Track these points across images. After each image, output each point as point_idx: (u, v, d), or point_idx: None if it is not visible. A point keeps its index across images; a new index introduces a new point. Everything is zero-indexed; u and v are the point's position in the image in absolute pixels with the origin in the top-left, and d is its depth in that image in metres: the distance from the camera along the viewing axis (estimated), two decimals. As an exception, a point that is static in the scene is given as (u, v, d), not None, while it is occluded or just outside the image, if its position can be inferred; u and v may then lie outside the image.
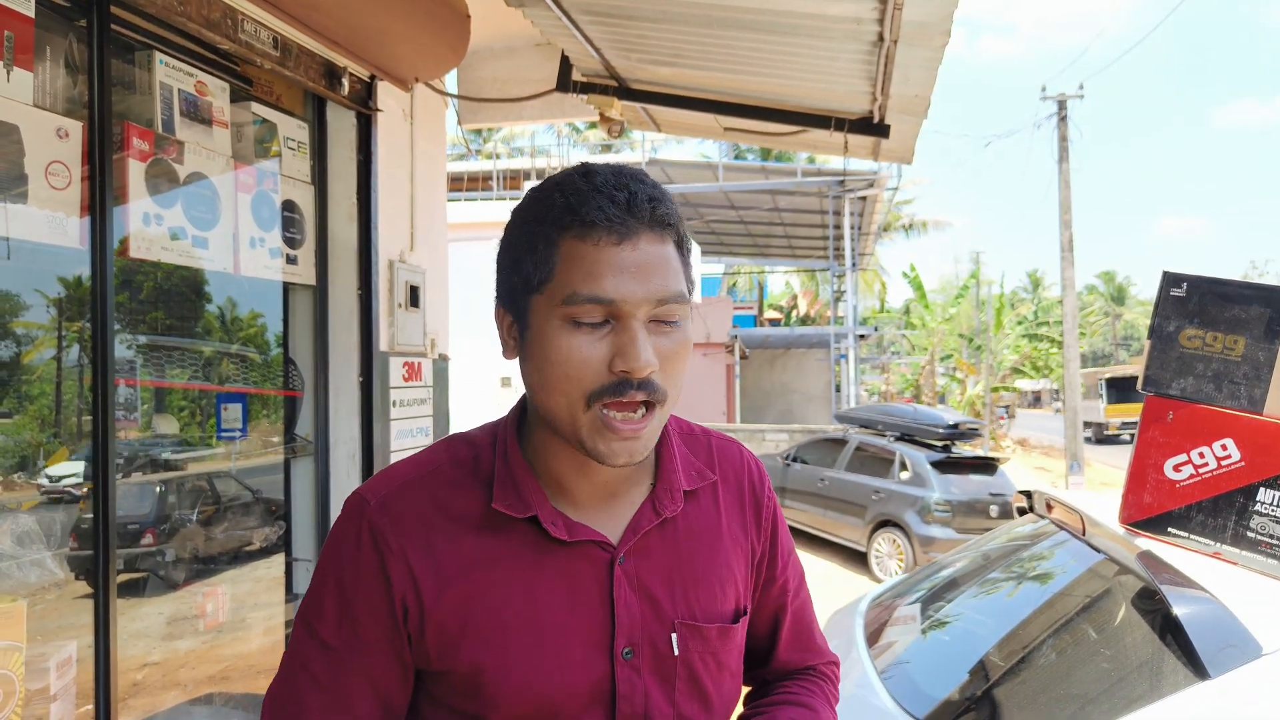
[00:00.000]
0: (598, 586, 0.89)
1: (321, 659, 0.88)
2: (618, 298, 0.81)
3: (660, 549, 0.93)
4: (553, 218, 0.84)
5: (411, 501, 0.89)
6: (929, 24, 2.44)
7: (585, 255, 0.82)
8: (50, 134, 2.18)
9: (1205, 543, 1.81)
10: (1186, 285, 1.82)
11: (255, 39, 2.69)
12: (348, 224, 3.33)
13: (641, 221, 0.83)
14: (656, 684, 0.90)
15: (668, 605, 0.92)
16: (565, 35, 3.13)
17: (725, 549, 0.98)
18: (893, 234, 30.71)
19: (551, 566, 0.89)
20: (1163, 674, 1.60)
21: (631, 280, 0.81)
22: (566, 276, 0.82)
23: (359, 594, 0.87)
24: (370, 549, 0.87)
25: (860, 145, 3.94)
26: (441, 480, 0.91)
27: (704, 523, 0.98)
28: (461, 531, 0.89)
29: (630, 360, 0.81)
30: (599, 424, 0.83)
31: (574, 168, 0.88)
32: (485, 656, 0.86)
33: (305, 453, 3.33)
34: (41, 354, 2.62)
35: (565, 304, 0.82)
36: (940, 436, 9.78)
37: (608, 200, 0.82)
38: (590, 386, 0.82)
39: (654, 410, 0.85)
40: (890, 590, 2.94)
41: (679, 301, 0.84)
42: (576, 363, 0.82)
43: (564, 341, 0.82)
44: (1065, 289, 17.11)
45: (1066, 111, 16.76)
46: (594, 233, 0.82)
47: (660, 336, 0.84)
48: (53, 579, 2.44)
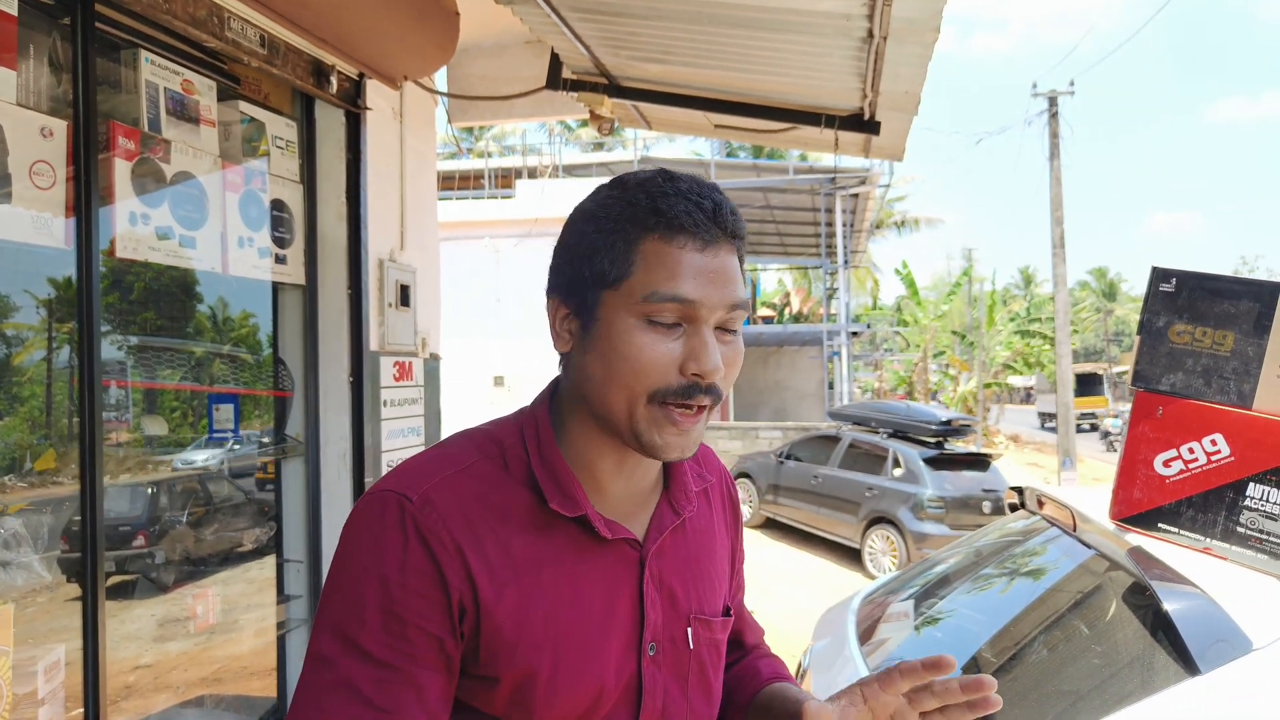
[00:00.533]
0: (629, 585, 0.91)
1: (366, 674, 0.80)
2: (697, 299, 0.83)
3: (675, 547, 0.96)
4: (635, 216, 0.85)
5: (456, 498, 0.85)
6: (919, 20, 2.44)
7: (669, 256, 0.84)
8: (34, 133, 2.16)
9: (1195, 538, 1.82)
10: (1175, 281, 1.82)
11: (242, 37, 2.67)
12: (337, 223, 3.31)
13: (724, 231, 0.86)
14: (674, 679, 0.93)
15: (683, 602, 0.95)
16: (554, 32, 3.12)
17: (718, 547, 1.03)
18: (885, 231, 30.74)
19: (593, 566, 0.89)
20: (1154, 670, 1.61)
21: (710, 286, 0.84)
22: (647, 275, 0.84)
23: (408, 600, 0.81)
24: (419, 548, 0.82)
25: (851, 142, 3.94)
26: (479, 477, 0.88)
27: (705, 522, 1.02)
28: (509, 530, 0.86)
29: (703, 364, 0.84)
30: (659, 418, 0.85)
31: (655, 171, 0.89)
32: (540, 661, 0.84)
33: (296, 453, 3.32)
34: (28, 355, 2.60)
35: (644, 301, 0.83)
36: (933, 433, 9.80)
37: (695, 206, 0.84)
38: (658, 384, 0.84)
39: (713, 410, 0.88)
40: (882, 587, 2.95)
41: (742, 309, 0.88)
42: (648, 360, 0.84)
43: (638, 338, 0.84)
44: (1057, 285, 17.17)
45: (1058, 108, 16.81)
46: (679, 236, 0.84)
47: (723, 345, 0.87)
48: (40, 582, 2.43)
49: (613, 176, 0.97)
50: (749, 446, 14.27)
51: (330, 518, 3.32)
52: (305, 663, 0.84)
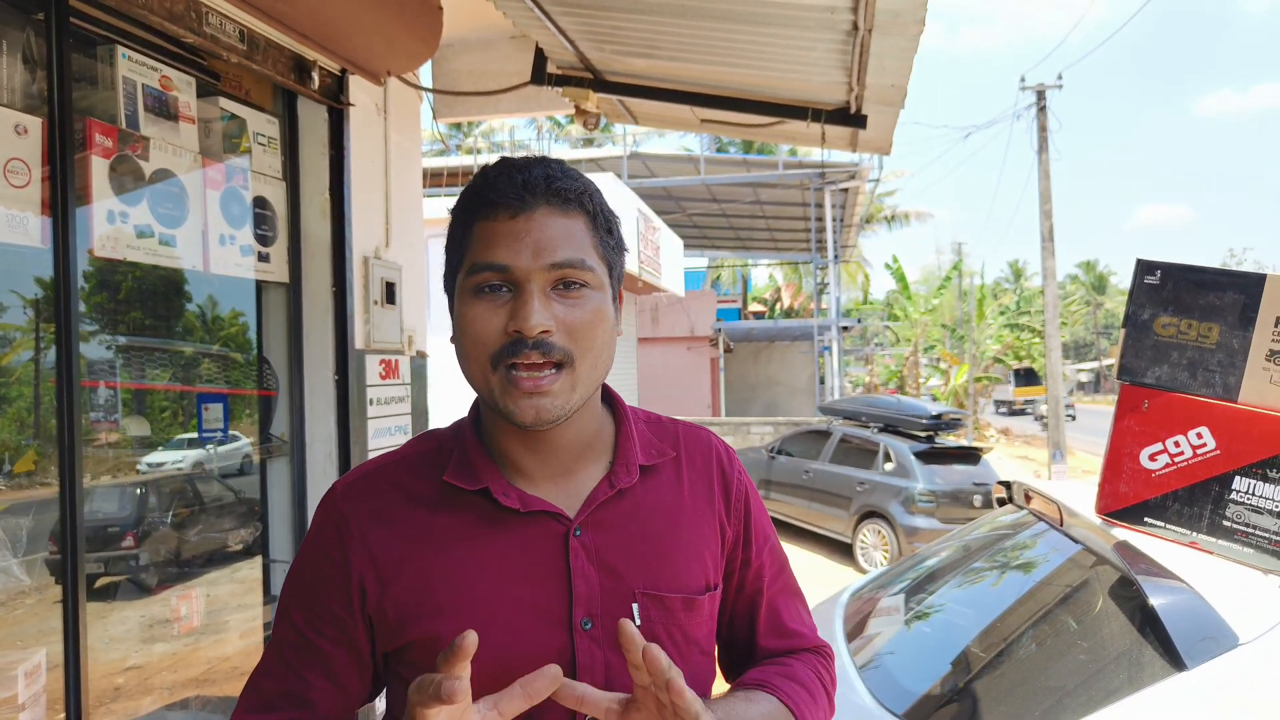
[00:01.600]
0: (554, 559, 0.92)
1: (290, 639, 0.94)
2: (510, 264, 0.88)
3: (619, 522, 0.96)
4: (468, 204, 0.93)
5: (373, 486, 0.96)
6: (903, 12, 2.42)
7: (488, 231, 0.90)
8: (8, 131, 2.13)
9: (1181, 532, 1.81)
10: (1160, 273, 1.81)
11: (221, 32, 2.63)
12: (321, 220, 3.28)
13: (537, 196, 0.89)
14: (618, 655, 0.90)
15: (627, 576, 0.94)
16: (538, 27, 3.10)
17: (689, 524, 1.00)
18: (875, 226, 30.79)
19: (505, 539, 0.92)
20: (1140, 665, 1.60)
21: (524, 248, 0.88)
22: (472, 251, 0.90)
23: (319, 581, 0.93)
24: (333, 534, 0.93)
25: (838, 136, 3.92)
26: (403, 467, 0.97)
27: (665, 498, 1.00)
28: (417, 510, 0.94)
29: (520, 320, 0.87)
30: (505, 384, 0.88)
31: (496, 161, 0.95)
32: (442, 626, 0.88)
33: (281, 453, 3.29)
34: (9, 356, 2.57)
35: (470, 274, 0.90)
36: (924, 427, 9.82)
37: (507, 182, 0.90)
38: (492, 348, 0.88)
39: (563, 371, 0.89)
40: (871, 583, 2.94)
41: (577, 267, 0.89)
42: (479, 326, 0.89)
43: (469, 310, 0.90)
44: (1046, 279, 17.21)
45: (1045, 102, 16.84)
46: (494, 210, 0.90)
47: (562, 303, 0.89)
48: (19, 585, 2.40)
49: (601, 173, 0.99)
50: (740, 442, 14.28)
51: (316, 518, 3.29)
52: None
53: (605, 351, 0.93)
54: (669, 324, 19.73)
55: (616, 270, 0.97)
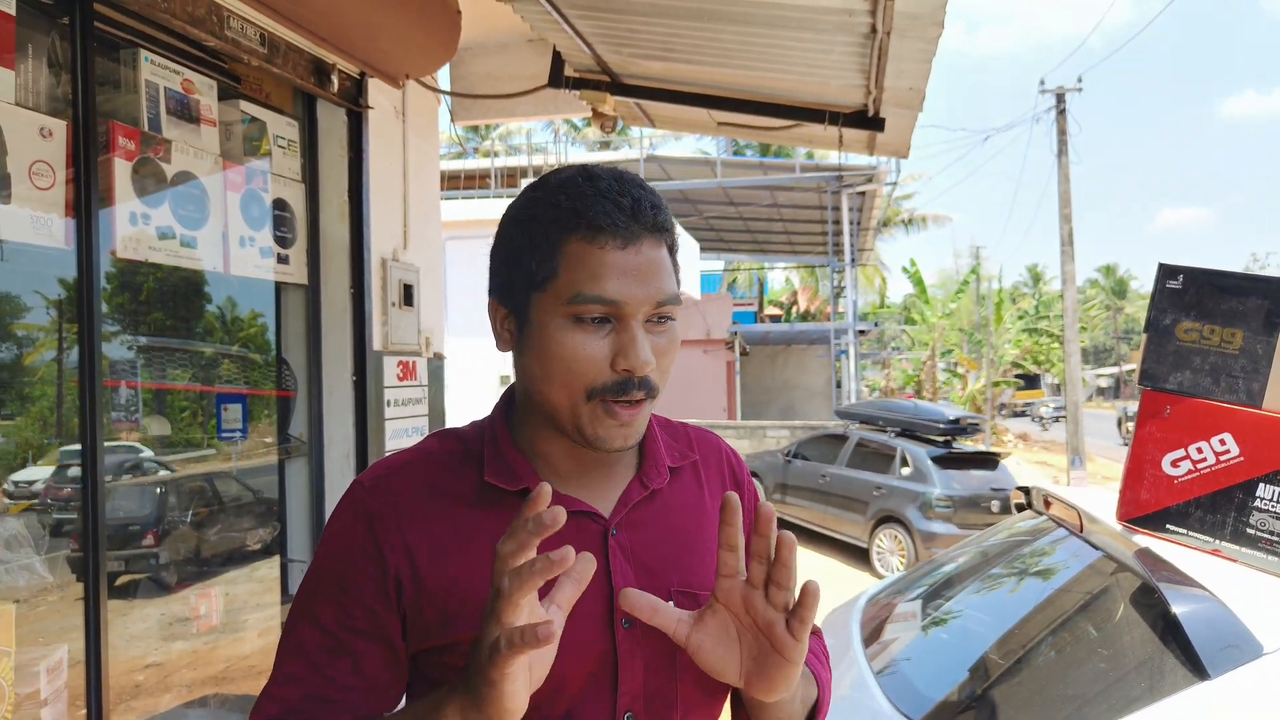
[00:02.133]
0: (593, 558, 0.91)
1: (315, 639, 0.90)
2: (621, 299, 0.86)
3: (651, 522, 0.97)
4: (557, 219, 0.88)
5: (404, 482, 0.93)
6: (921, 15, 2.41)
7: (591, 257, 0.86)
8: (33, 133, 2.15)
9: (1204, 539, 1.79)
10: (1183, 277, 1.79)
11: (242, 36, 2.66)
12: (339, 222, 3.30)
13: (644, 227, 0.88)
14: (657, 654, 0.92)
15: (662, 574, 0.95)
16: (556, 30, 3.11)
17: (712, 524, 1.02)
18: (892, 229, 30.67)
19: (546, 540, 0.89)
20: (1162, 674, 1.58)
21: (634, 283, 0.86)
22: (571, 276, 0.86)
23: (351, 575, 0.89)
24: (364, 529, 0.90)
25: (855, 139, 3.91)
26: (433, 464, 0.95)
27: (689, 498, 1.02)
28: (454, 508, 0.92)
29: (632, 360, 0.86)
30: (599, 413, 0.88)
31: (575, 169, 0.91)
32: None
33: (300, 453, 3.31)
34: (30, 356, 2.60)
35: (571, 303, 0.86)
36: (941, 432, 9.76)
37: (614, 206, 0.87)
38: (593, 382, 0.87)
39: (650, 401, 0.90)
40: (888, 588, 2.92)
41: (674, 303, 0.90)
42: (581, 359, 0.86)
43: (568, 338, 0.87)
44: (1065, 283, 17.07)
45: (1065, 104, 16.71)
46: (600, 236, 0.86)
47: (655, 335, 0.89)
48: (43, 583, 2.42)
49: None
50: (756, 445, 14.24)
51: (333, 518, 3.31)
52: (283, 628, 0.94)
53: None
54: (685, 327, 19.70)
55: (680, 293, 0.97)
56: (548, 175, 0.93)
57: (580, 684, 0.89)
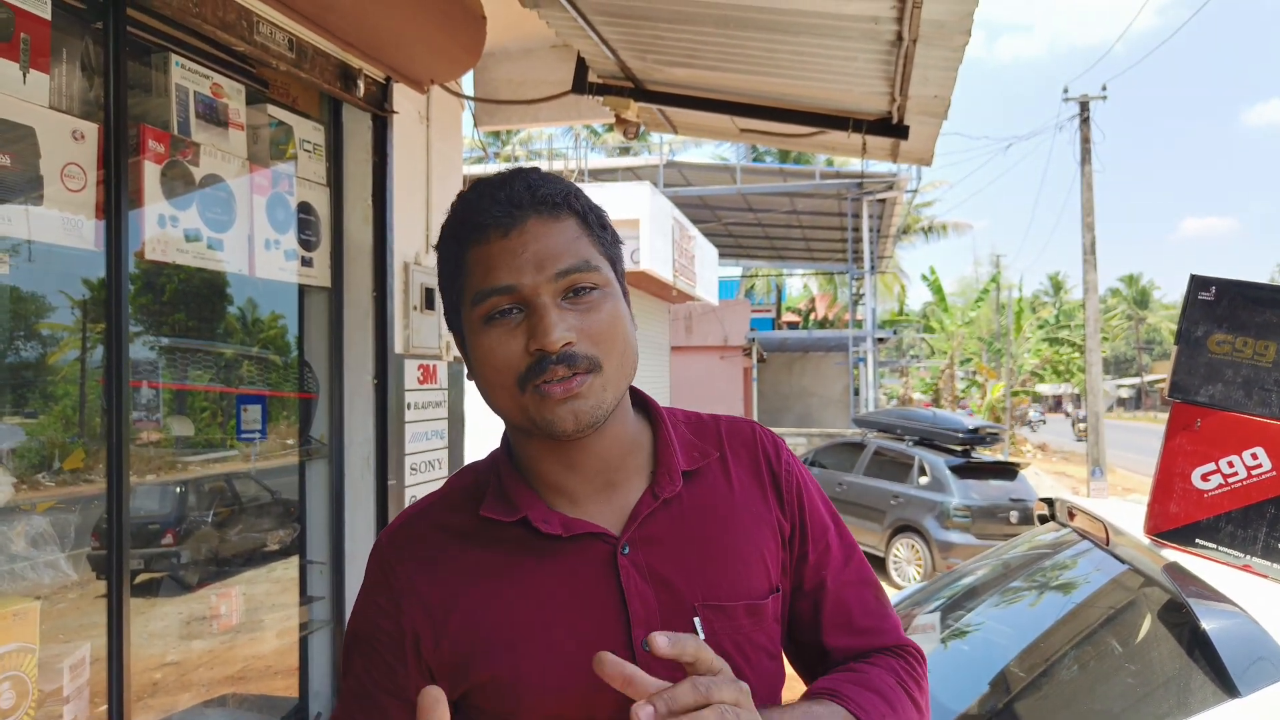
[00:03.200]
0: (604, 581, 0.88)
1: (351, 689, 0.92)
2: (515, 283, 0.84)
3: (668, 533, 0.91)
4: (455, 234, 0.89)
5: (415, 530, 0.94)
6: (948, 23, 2.40)
7: (483, 255, 0.86)
8: (66, 136, 2.18)
9: (1235, 555, 1.76)
10: (1215, 289, 1.77)
11: (271, 41, 2.68)
12: (363, 226, 3.33)
13: (524, 209, 0.86)
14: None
15: (685, 589, 0.89)
16: (580, 36, 3.12)
17: (745, 523, 0.95)
18: (912, 237, 30.52)
19: (551, 567, 0.88)
20: (1190, 690, 1.56)
21: (523, 264, 0.84)
22: (473, 279, 0.87)
23: (373, 632, 0.91)
24: (383, 584, 0.91)
25: (879, 147, 3.89)
26: (444, 505, 0.95)
27: (715, 499, 0.95)
28: (458, 548, 0.91)
29: (540, 338, 0.83)
30: (537, 399, 0.85)
31: (471, 184, 0.92)
32: (500, 666, 0.86)
33: (320, 455, 3.33)
34: (58, 356, 2.63)
35: (475, 304, 0.86)
36: (960, 441, 9.68)
37: (491, 201, 0.87)
38: (518, 371, 0.85)
39: (592, 375, 0.85)
40: (908, 598, 2.90)
41: (584, 270, 0.86)
42: (500, 353, 0.85)
43: (485, 339, 0.86)
44: (1087, 292, 16.92)
45: (1089, 113, 16.58)
46: (485, 233, 0.86)
47: (577, 311, 0.86)
48: (67, 580, 2.45)
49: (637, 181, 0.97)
50: (773, 452, 14.15)
51: (353, 520, 3.33)
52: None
53: (629, 347, 0.89)
54: (703, 333, 19.70)
55: (619, 264, 0.94)
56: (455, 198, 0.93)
57: (608, 707, 0.82)
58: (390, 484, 3.34)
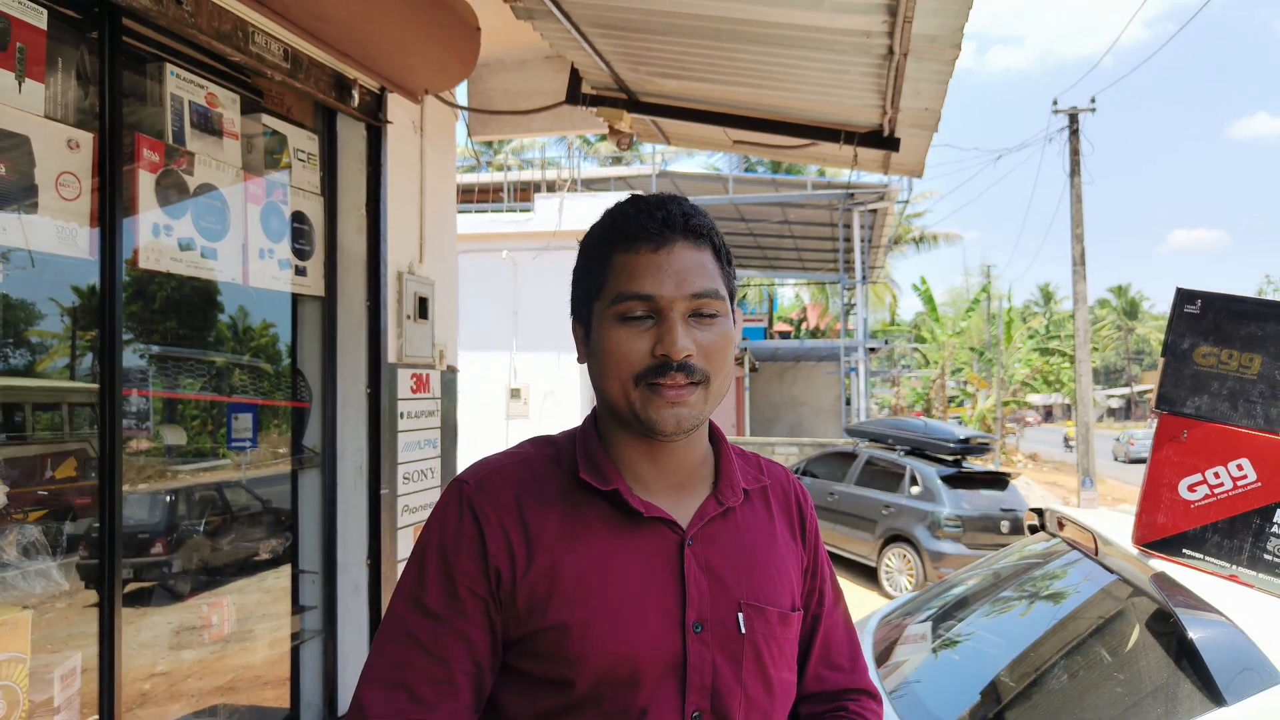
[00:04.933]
0: (670, 563, 0.99)
1: (426, 626, 0.96)
2: (655, 293, 0.97)
3: (725, 537, 1.04)
4: (605, 238, 1.02)
5: (503, 481, 1.01)
6: (939, 37, 2.43)
7: (630, 263, 0.99)
8: (61, 145, 2.19)
9: (1221, 565, 1.78)
10: (1201, 302, 1.79)
11: (266, 51, 2.70)
12: (357, 235, 3.33)
13: (675, 231, 0.99)
14: (725, 660, 0.99)
15: (733, 587, 1.01)
16: (575, 48, 3.14)
17: (779, 547, 1.10)
18: (903, 247, 30.63)
19: (629, 541, 0.99)
20: (1178, 700, 1.57)
21: (666, 279, 0.97)
22: (616, 282, 0.99)
23: (459, 563, 0.97)
24: (470, 521, 0.98)
25: (870, 159, 3.93)
26: (530, 466, 1.04)
27: (759, 520, 1.09)
28: (549, 505, 1.00)
29: (668, 345, 0.96)
30: (648, 396, 0.97)
31: (628, 198, 1.05)
32: (571, 616, 0.95)
33: (313, 464, 3.33)
34: (51, 363, 2.63)
35: (614, 303, 0.98)
36: (951, 451, 9.71)
37: (648, 218, 1.00)
38: (638, 368, 0.97)
39: (699, 387, 0.98)
40: (900, 608, 2.91)
41: (713, 297, 0.99)
42: (626, 350, 0.97)
43: (615, 334, 0.98)
44: (1077, 303, 17.02)
45: (1078, 125, 16.71)
46: (636, 244, 0.99)
47: (699, 329, 0.98)
48: (58, 589, 2.44)
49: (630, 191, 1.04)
50: (765, 462, 14.16)
51: (345, 529, 3.32)
52: (386, 616, 1.00)
53: (730, 371, 1.03)
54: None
55: (734, 297, 1.07)
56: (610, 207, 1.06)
57: (655, 681, 0.95)
58: (383, 493, 3.33)
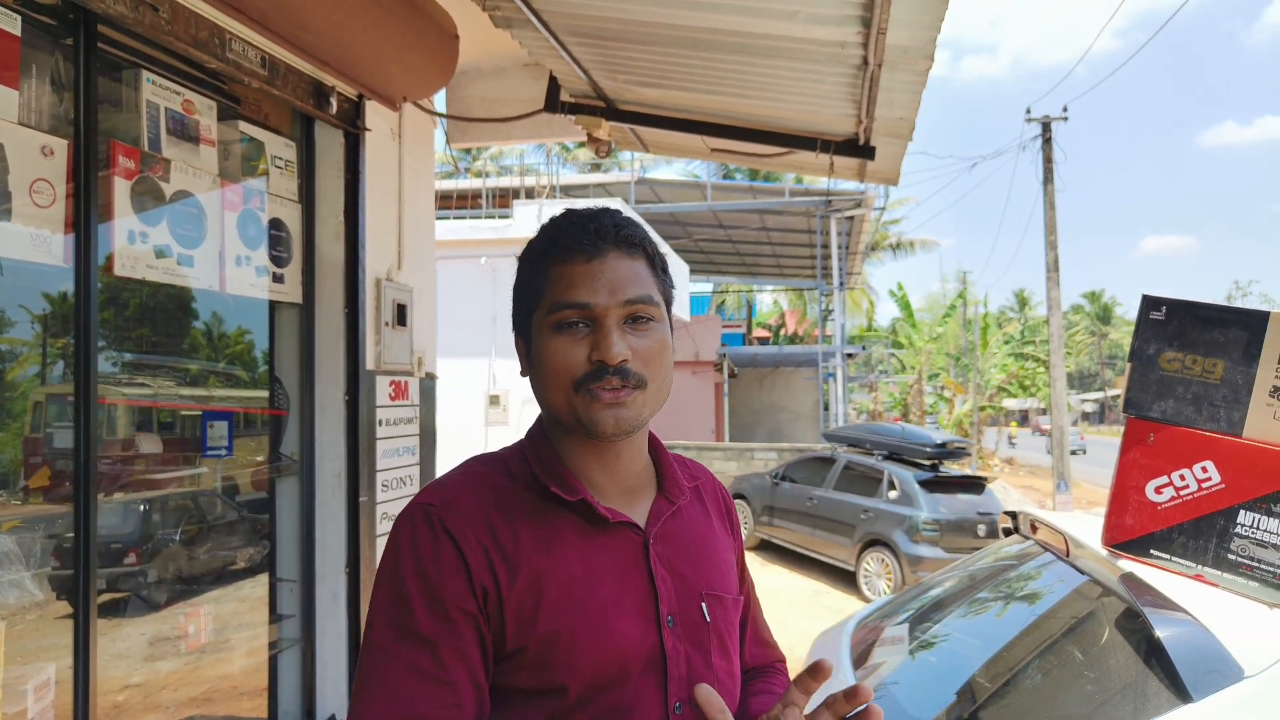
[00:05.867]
0: (637, 564, 1.04)
1: (424, 653, 0.94)
2: (590, 301, 1.00)
3: (677, 535, 1.09)
4: (541, 251, 1.05)
5: (473, 500, 1.01)
6: (912, 48, 2.47)
7: (565, 273, 1.02)
8: (35, 152, 2.17)
9: (1187, 565, 1.82)
10: (1166, 309, 1.83)
11: (243, 58, 2.69)
12: (335, 242, 3.33)
13: (608, 242, 1.02)
14: (694, 650, 1.04)
15: (693, 580, 1.07)
16: (553, 56, 3.16)
17: (719, 539, 1.17)
18: (880, 253, 30.89)
19: (599, 546, 1.02)
20: (1146, 697, 1.61)
21: (600, 288, 1.00)
22: (552, 293, 1.02)
23: (444, 584, 0.96)
24: (447, 542, 0.97)
25: (846, 167, 3.97)
26: (491, 485, 1.04)
27: (700, 516, 1.16)
28: (518, 520, 1.01)
29: (603, 350, 0.99)
30: (587, 401, 1.00)
31: (562, 212, 1.08)
32: (559, 626, 0.97)
33: (291, 472, 3.31)
34: (24, 371, 2.60)
35: (550, 313, 1.01)
36: (928, 455, 9.80)
37: (580, 230, 1.03)
38: (576, 375, 1.00)
39: (638, 390, 1.01)
40: (877, 611, 2.94)
41: (646, 303, 1.02)
42: (564, 357, 1.00)
43: (553, 343, 1.01)
44: (1051, 308, 17.23)
45: (1051, 133, 16.94)
46: (570, 255, 1.02)
47: (634, 335, 1.02)
48: (32, 600, 2.41)
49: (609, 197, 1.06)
50: (744, 468, 14.25)
51: (324, 537, 3.31)
52: (364, 656, 0.97)
53: (668, 375, 1.06)
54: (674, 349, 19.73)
55: (671, 304, 1.11)
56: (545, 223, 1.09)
57: (639, 677, 0.99)
58: (361, 500, 3.32)
